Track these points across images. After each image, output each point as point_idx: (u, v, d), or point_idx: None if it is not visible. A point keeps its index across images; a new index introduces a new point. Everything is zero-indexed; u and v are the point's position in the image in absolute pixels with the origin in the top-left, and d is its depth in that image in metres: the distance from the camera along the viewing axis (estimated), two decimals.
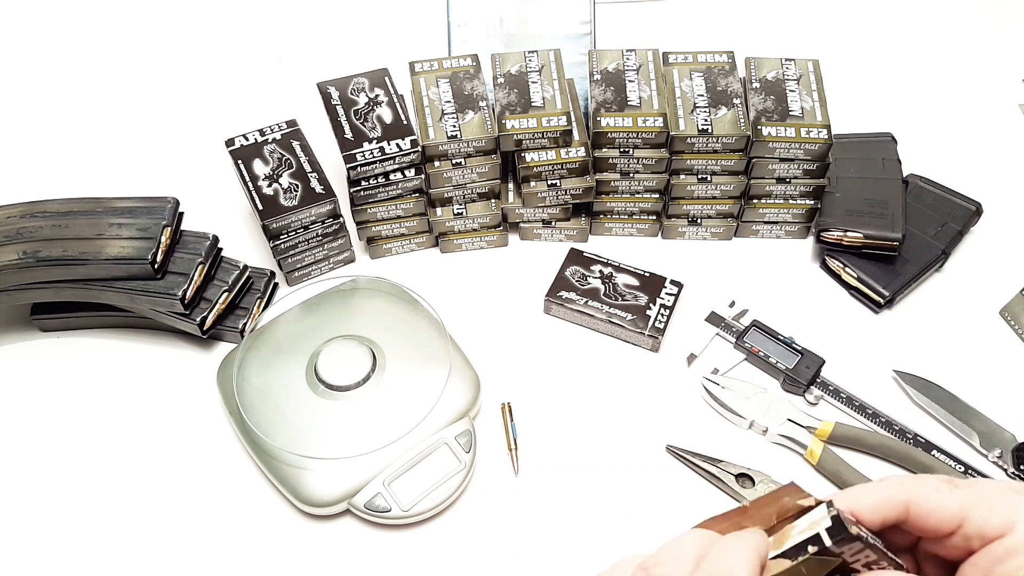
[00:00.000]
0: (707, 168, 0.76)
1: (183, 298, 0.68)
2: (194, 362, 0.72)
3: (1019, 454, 0.65)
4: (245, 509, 0.64)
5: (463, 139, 0.73)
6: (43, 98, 0.96)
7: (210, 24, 1.03)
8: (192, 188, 0.80)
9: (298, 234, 0.74)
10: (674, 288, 0.75)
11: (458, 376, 0.67)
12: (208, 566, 0.61)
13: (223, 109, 0.93)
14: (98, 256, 0.68)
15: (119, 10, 1.05)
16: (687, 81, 0.76)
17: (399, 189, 0.76)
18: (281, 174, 0.74)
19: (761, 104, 0.75)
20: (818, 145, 0.73)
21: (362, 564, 0.61)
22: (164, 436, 0.68)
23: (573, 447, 0.67)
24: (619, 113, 0.74)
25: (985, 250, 0.80)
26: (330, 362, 0.66)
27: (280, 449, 0.62)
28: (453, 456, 0.63)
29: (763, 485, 0.63)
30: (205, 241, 0.72)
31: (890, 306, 0.75)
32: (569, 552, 0.61)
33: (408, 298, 0.72)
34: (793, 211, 0.79)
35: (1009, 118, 0.93)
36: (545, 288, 0.75)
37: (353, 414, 0.65)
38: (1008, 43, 1.01)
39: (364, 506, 0.61)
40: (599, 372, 0.71)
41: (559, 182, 0.76)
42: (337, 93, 0.76)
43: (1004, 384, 0.70)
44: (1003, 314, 0.75)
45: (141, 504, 0.64)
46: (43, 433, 0.68)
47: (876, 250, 0.75)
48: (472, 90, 0.76)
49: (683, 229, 0.81)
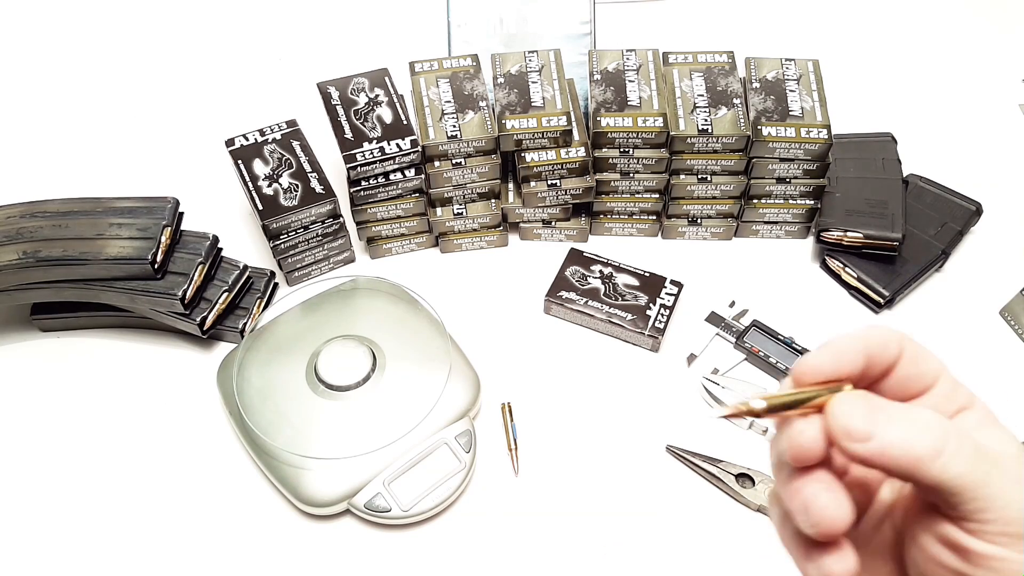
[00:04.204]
0: (707, 168, 0.76)
1: (183, 298, 0.68)
2: (194, 362, 0.72)
3: None
4: (245, 509, 0.64)
5: (463, 139, 0.73)
6: (43, 98, 0.96)
7: (210, 24, 1.03)
8: (192, 188, 0.80)
9: (298, 234, 0.74)
10: (674, 288, 0.75)
11: (458, 376, 0.67)
12: (208, 566, 0.61)
13: (223, 109, 0.93)
14: (98, 256, 0.68)
15: (119, 10, 1.05)
16: (687, 81, 0.76)
17: (399, 189, 0.76)
18: (281, 174, 0.74)
19: (761, 104, 0.75)
20: (818, 145, 0.73)
21: (362, 564, 0.61)
22: (164, 436, 0.68)
23: (573, 447, 0.67)
24: (619, 113, 0.74)
25: (985, 250, 0.80)
26: (330, 362, 0.66)
27: (280, 449, 0.62)
28: (453, 456, 0.63)
29: (763, 485, 0.63)
30: (205, 241, 0.72)
31: (890, 306, 0.75)
32: (569, 552, 0.61)
33: (408, 298, 0.72)
34: (793, 211, 0.79)
35: (1009, 118, 0.93)
36: (545, 288, 0.75)
37: (353, 414, 0.65)
38: (1008, 43, 1.01)
39: (364, 506, 0.61)
40: (599, 372, 0.71)
41: (559, 182, 0.76)
42: (337, 93, 0.76)
43: (1004, 384, 0.70)
44: (1003, 314, 0.75)
45: (141, 504, 0.64)
46: (43, 433, 0.68)
47: (876, 250, 0.75)
48: (472, 90, 0.76)
49: (683, 229, 0.81)
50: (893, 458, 0.28)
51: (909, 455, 0.28)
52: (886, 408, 0.29)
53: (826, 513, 0.28)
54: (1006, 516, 0.28)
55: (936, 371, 0.31)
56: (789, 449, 0.29)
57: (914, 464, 0.28)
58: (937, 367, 0.32)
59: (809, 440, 0.29)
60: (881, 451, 0.28)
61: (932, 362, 0.32)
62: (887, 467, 0.28)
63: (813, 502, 0.28)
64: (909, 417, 0.29)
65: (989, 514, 0.28)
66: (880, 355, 0.30)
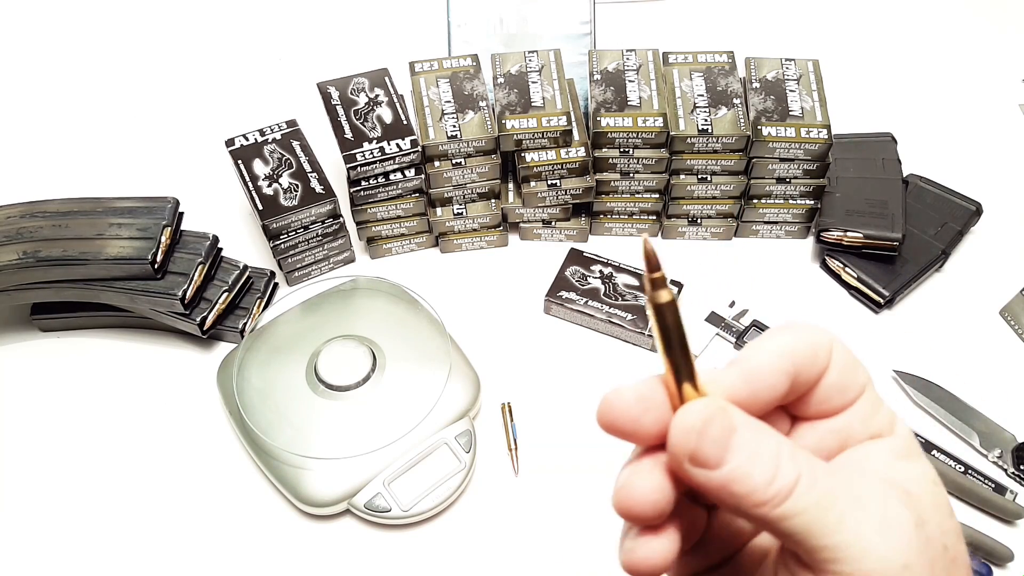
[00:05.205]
0: (707, 168, 0.76)
1: (183, 298, 0.68)
2: (194, 362, 0.72)
3: (1019, 454, 0.65)
4: (245, 509, 0.64)
5: (463, 139, 0.73)
6: (43, 98, 0.96)
7: (210, 24, 1.03)
8: (192, 188, 0.80)
9: (298, 234, 0.74)
10: (674, 288, 0.75)
11: (458, 376, 0.67)
12: (208, 566, 0.61)
13: (223, 109, 0.93)
14: (98, 256, 0.68)
15: (119, 10, 1.04)
16: (687, 81, 0.76)
17: (399, 189, 0.76)
18: (281, 174, 0.74)
19: (761, 104, 0.75)
20: (818, 145, 0.73)
21: (362, 564, 0.61)
22: (164, 436, 0.68)
23: (573, 447, 0.67)
24: (619, 113, 0.74)
25: (985, 250, 0.80)
26: (330, 362, 0.66)
27: (280, 449, 0.62)
28: (453, 456, 0.63)
29: None
30: (205, 241, 0.72)
31: (890, 306, 0.75)
32: (569, 552, 0.61)
33: (408, 298, 0.72)
34: (793, 211, 0.79)
35: (1009, 118, 0.93)
36: (545, 288, 0.75)
37: (353, 414, 0.65)
38: (1008, 43, 1.01)
39: (364, 506, 0.61)
40: (599, 372, 0.71)
41: (559, 182, 0.76)
42: (337, 93, 0.76)
43: (1004, 384, 0.70)
44: (1003, 314, 0.75)
45: (141, 504, 0.64)
46: (43, 433, 0.68)
47: (876, 250, 0.75)
48: (472, 90, 0.76)
49: (683, 229, 0.81)
50: (732, 495, 0.24)
51: (752, 497, 0.23)
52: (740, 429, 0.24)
53: (632, 493, 0.25)
54: (862, 568, 0.23)
55: (861, 385, 0.26)
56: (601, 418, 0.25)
57: (754, 507, 0.23)
58: (864, 380, 0.26)
59: (628, 415, 0.25)
60: (722, 484, 0.24)
61: (860, 374, 0.26)
62: (722, 502, 0.24)
63: (624, 484, 0.25)
64: (758, 446, 0.24)
65: (843, 566, 0.23)
66: (808, 369, 0.25)
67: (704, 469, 0.24)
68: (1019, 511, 0.62)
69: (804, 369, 0.25)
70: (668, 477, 0.25)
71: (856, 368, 0.26)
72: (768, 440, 0.24)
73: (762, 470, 0.23)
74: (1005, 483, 0.64)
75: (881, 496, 0.24)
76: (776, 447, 0.24)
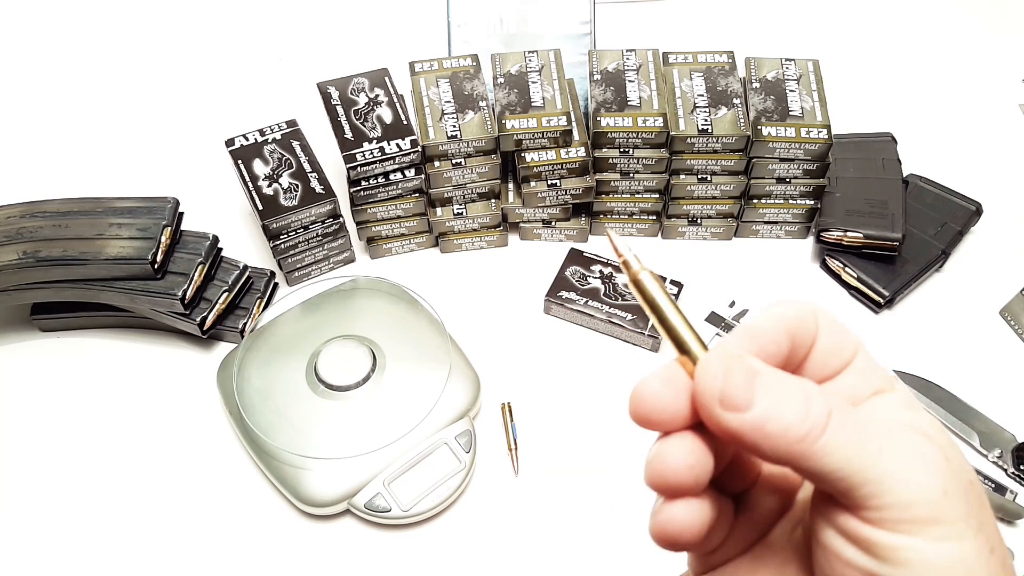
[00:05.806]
0: (707, 168, 0.76)
1: (183, 298, 0.68)
2: (194, 362, 0.72)
3: (1019, 454, 0.65)
4: (245, 509, 0.64)
5: (463, 139, 0.73)
6: (43, 98, 0.96)
7: (210, 24, 1.03)
8: (192, 188, 0.80)
9: (298, 234, 0.74)
10: (674, 288, 0.75)
11: (458, 376, 0.67)
12: (208, 566, 0.61)
13: (223, 109, 0.93)
14: (98, 256, 0.68)
15: (119, 10, 1.05)
16: (687, 81, 0.76)
17: (399, 189, 0.76)
18: (281, 174, 0.74)
19: (761, 104, 0.75)
20: (818, 145, 0.73)
21: (362, 564, 0.61)
22: (164, 436, 0.68)
23: (573, 447, 0.67)
24: (619, 113, 0.74)
25: (985, 250, 0.80)
26: (330, 362, 0.66)
27: (280, 449, 0.62)
28: (453, 456, 0.63)
29: None
30: (205, 241, 0.72)
31: (890, 306, 0.75)
32: (569, 552, 0.61)
33: (408, 298, 0.72)
34: (793, 211, 0.79)
35: (1009, 118, 0.93)
36: (545, 288, 0.75)
37: (353, 414, 0.65)
38: (1008, 44, 1.01)
39: (364, 506, 0.61)
40: (599, 372, 0.71)
41: (559, 182, 0.76)
42: (337, 93, 0.76)
43: (1004, 384, 0.70)
44: (1003, 314, 0.75)
45: (141, 504, 0.64)
46: (43, 433, 0.68)
47: (876, 250, 0.75)
48: (472, 90, 0.76)
49: (683, 229, 0.81)
50: (767, 436, 0.24)
51: (788, 433, 0.24)
52: (763, 372, 0.25)
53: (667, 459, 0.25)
54: (905, 498, 0.24)
55: (855, 344, 0.27)
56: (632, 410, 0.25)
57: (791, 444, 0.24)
58: (855, 340, 0.28)
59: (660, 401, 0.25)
60: (757, 425, 0.24)
61: (849, 336, 0.27)
62: (758, 447, 0.24)
63: (656, 452, 0.25)
64: (784, 385, 0.24)
65: (886, 498, 0.24)
66: (802, 333, 0.27)
67: (736, 413, 0.24)
68: (1019, 511, 0.62)
69: (799, 333, 0.26)
70: (702, 440, 0.25)
71: (844, 331, 0.27)
72: (792, 380, 0.25)
73: (793, 406, 0.24)
74: (1005, 483, 0.64)
75: (909, 432, 0.25)
76: (802, 385, 0.25)
